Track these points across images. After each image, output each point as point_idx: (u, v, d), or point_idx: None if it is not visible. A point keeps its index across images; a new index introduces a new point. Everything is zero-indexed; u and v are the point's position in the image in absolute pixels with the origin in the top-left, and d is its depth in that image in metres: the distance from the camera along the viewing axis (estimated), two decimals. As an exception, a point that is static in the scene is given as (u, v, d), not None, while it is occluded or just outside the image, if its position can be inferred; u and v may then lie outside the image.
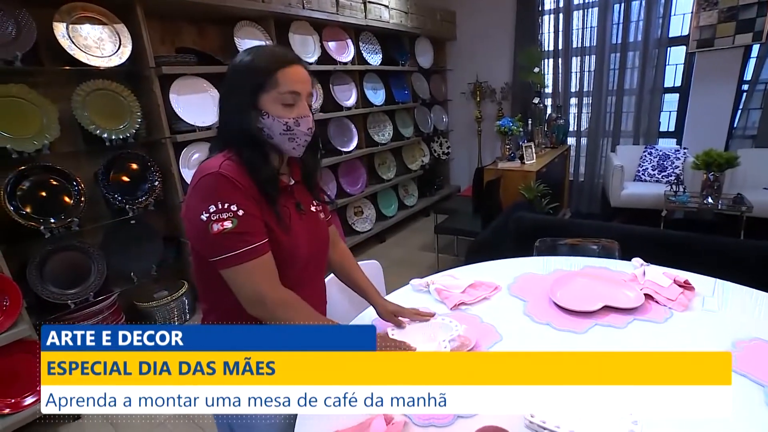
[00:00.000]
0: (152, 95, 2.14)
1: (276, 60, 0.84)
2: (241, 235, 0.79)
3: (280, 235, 0.87)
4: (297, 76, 0.84)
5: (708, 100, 3.62)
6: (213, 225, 0.78)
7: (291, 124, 0.84)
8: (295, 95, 0.84)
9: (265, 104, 0.83)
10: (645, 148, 3.77)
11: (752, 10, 3.27)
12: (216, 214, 0.79)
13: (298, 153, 0.89)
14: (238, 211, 0.79)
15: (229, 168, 0.82)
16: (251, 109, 0.84)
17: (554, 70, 4.20)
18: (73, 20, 1.90)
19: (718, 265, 1.32)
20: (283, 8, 2.70)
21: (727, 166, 2.82)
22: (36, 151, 1.80)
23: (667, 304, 1.09)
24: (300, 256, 0.91)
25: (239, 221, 0.79)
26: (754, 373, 0.81)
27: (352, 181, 3.59)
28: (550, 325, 1.04)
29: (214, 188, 0.80)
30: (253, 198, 0.82)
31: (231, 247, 0.79)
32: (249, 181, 0.83)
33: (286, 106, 0.84)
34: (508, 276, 1.32)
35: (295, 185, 0.95)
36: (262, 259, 0.82)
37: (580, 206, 4.30)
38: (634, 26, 3.70)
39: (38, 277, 1.88)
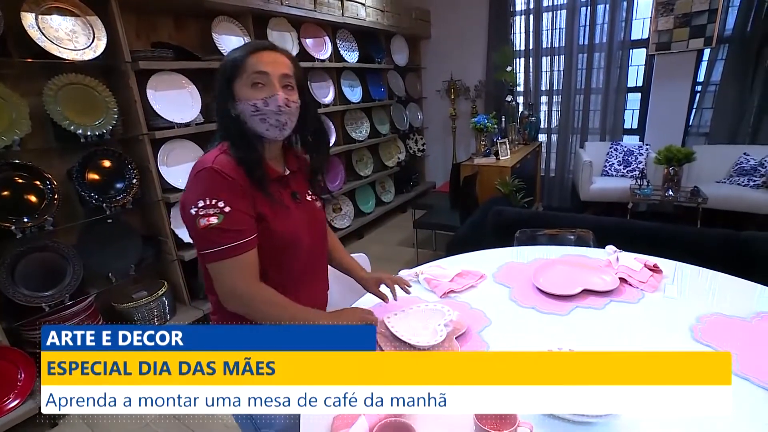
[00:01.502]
0: (128, 90, 2.08)
1: (247, 48, 0.87)
2: (225, 231, 0.81)
3: (278, 224, 0.88)
4: (266, 58, 0.86)
5: (666, 99, 3.85)
6: (200, 219, 0.81)
7: (259, 104, 0.85)
8: (262, 75, 0.85)
9: (238, 90, 0.86)
10: (611, 145, 3.97)
11: (704, 17, 3.50)
12: (204, 209, 0.81)
13: (274, 135, 0.89)
14: (225, 207, 0.81)
15: (221, 161, 0.84)
16: (229, 98, 0.87)
17: (525, 69, 4.34)
18: (42, 10, 1.82)
19: (680, 250, 1.43)
20: (261, 4, 2.68)
21: (685, 160, 3.02)
22: (5, 148, 1.72)
23: (639, 287, 1.18)
24: (301, 244, 0.93)
25: (225, 217, 0.81)
26: (715, 343, 0.91)
27: (331, 178, 3.60)
28: (534, 309, 1.11)
29: (204, 183, 0.82)
30: (244, 191, 0.84)
31: (215, 243, 0.81)
32: (241, 173, 0.84)
33: (254, 88, 0.85)
34: (492, 265, 1.39)
35: (290, 175, 0.97)
36: (244, 257, 0.83)
37: (551, 200, 4.48)
38: (599, 29, 3.88)
39: (9, 279, 1.80)
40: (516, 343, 0.97)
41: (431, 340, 0.91)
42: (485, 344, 0.96)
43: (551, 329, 1.03)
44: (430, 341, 0.91)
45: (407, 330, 0.95)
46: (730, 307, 1.05)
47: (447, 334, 0.93)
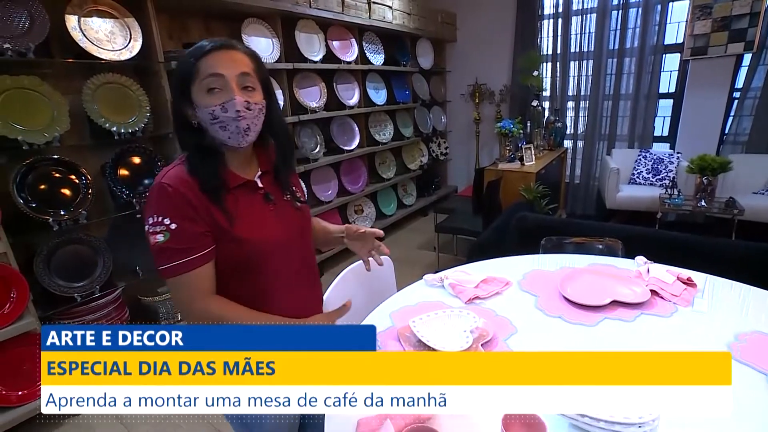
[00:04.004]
0: (161, 90, 2.15)
1: (198, 49, 0.81)
2: (171, 249, 0.79)
3: (243, 232, 0.85)
4: (219, 58, 0.79)
5: (701, 106, 3.72)
6: (150, 237, 0.80)
7: (217, 111, 0.79)
8: (217, 78, 0.79)
9: (195, 96, 0.81)
10: (640, 152, 3.85)
11: (744, 21, 3.37)
12: (152, 227, 0.79)
13: (237, 142, 0.83)
14: (171, 224, 0.78)
15: (173, 175, 0.81)
16: (187, 105, 0.82)
17: (552, 74, 4.27)
18: (84, 13, 1.90)
19: (714, 263, 1.37)
20: (290, 6, 2.72)
21: (720, 170, 2.91)
22: (46, 144, 1.80)
23: (671, 300, 1.14)
24: (273, 248, 0.89)
25: (171, 234, 0.78)
26: (756, 362, 0.87)
27: (354, 180, 3.62)
28: (561, 318, 1.09)
29: (152, 200, 0.81)
30: (195, 206, 0.80)
31: (162, 261, 0.80)
32: (195, 186, 0.81)
33: (210, 93, 0.79)
34: (518, 272, 1.36)
35: (262, 176, 0.92)
36: (193, 274, 0.81)
37: (575, 207, 4.38)
38: (630, 33, 3.79)
39: (45, 269, 1.88)
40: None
41: (457, 346, 0.90)
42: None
43: (578, 340, 1.00)
44: (455, 347, 0.90)
45: (432, 335, 0.95)
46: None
47: (473, 341, 0.92)
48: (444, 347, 0.90)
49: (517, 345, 0.97)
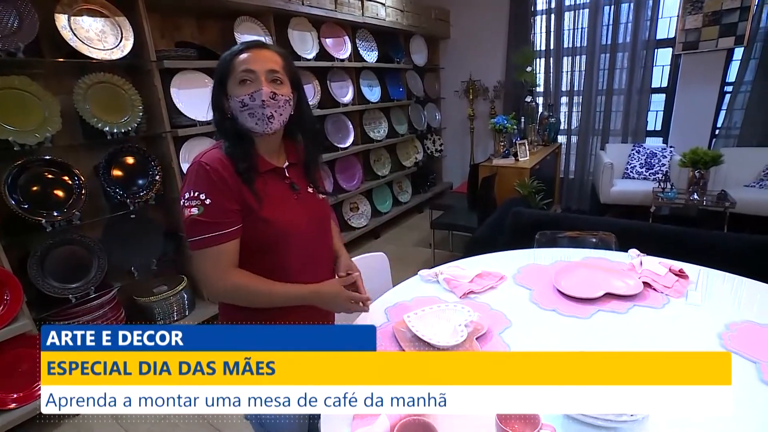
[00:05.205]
0: (153, 89, 2.13)
1: (235, 49, 0.92)
2: (204, 222, 0.85)
3: (269, 214, 0.90)
4: (252, 56, 0.90)
5: (692, 100, 3.74)
6: (185, 210, 0.86)
7: (246, 99, 0.88)
8: (249, 73, 0.88)
9: (229, 89, 0.90)
10: (633, 147, 3.88)
11: (735, 15, 3.39)
12: (188, 201, 0.86)
13: (262, 128, 0.90)
14: (206, 199, 0.85)
15: (210, 156, 0.88)
16: (223, 97, 0.92)
17: (546, 70, 4.28)
18: (74, 12, 1.88)
19: (706, 256, 1.39)
20: (282, 4, 2.71)
21: (712, 163, 2.93)
22: (38, 144, 1.78)
23: (664, 291, 1.15)
24: (296, 234, 0.94)
25: (205, 209, 0.85)
26: (747, 351, 0.88)
27: (348, 177, 3.62)
28: (555, 311, 1.10)
29: (190, 177, 0.87)
30: (229, 184, 0.87)
31: (194, 233, 0.86)
32: (230, 167, 0.88)
33: (242, 85, 0.88)
34: (512, 266, 1.37)
35: (289, 167, 0.98)
36: (220, 248, 0.86)
37: (570, 202, 4.40)
38: (623, 28, 3.80)
39: (39, 271, 1.87)
40: (537, 345, 0.96)
41: (452, 340, 0.90)
42: (506, 346, 0.95)
43: (572, 332, 1.01)
44: (450, 341, 0.90)
45: (428, 329, 0.95)
46: (761, 315, 1.02)
47: (467, 335, 0.93)
48: (439, 342, 0.90)
49: (511, 338, 0.98)
